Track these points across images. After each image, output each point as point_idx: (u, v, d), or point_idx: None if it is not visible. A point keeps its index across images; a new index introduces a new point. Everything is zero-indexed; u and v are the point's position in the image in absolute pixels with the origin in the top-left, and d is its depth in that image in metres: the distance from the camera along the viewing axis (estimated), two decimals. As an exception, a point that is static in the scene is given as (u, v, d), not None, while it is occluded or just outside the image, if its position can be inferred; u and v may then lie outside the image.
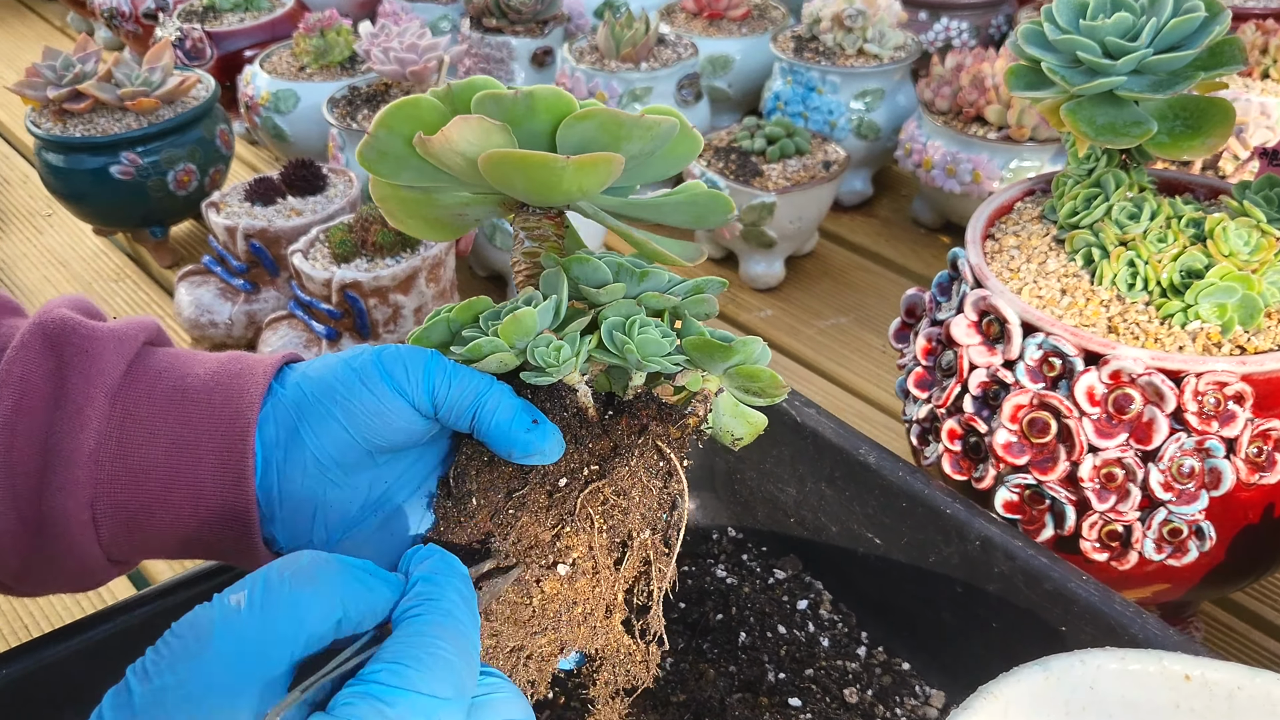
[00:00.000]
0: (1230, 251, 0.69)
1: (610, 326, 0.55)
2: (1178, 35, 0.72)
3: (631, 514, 0.57)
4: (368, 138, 0.52)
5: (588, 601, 0.57)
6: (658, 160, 0.55)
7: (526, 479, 0.58)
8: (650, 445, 0.57)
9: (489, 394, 0.55)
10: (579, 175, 0.51)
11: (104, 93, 1.26)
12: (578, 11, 1.64)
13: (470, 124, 0.49)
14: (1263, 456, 0.67)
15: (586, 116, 0.49)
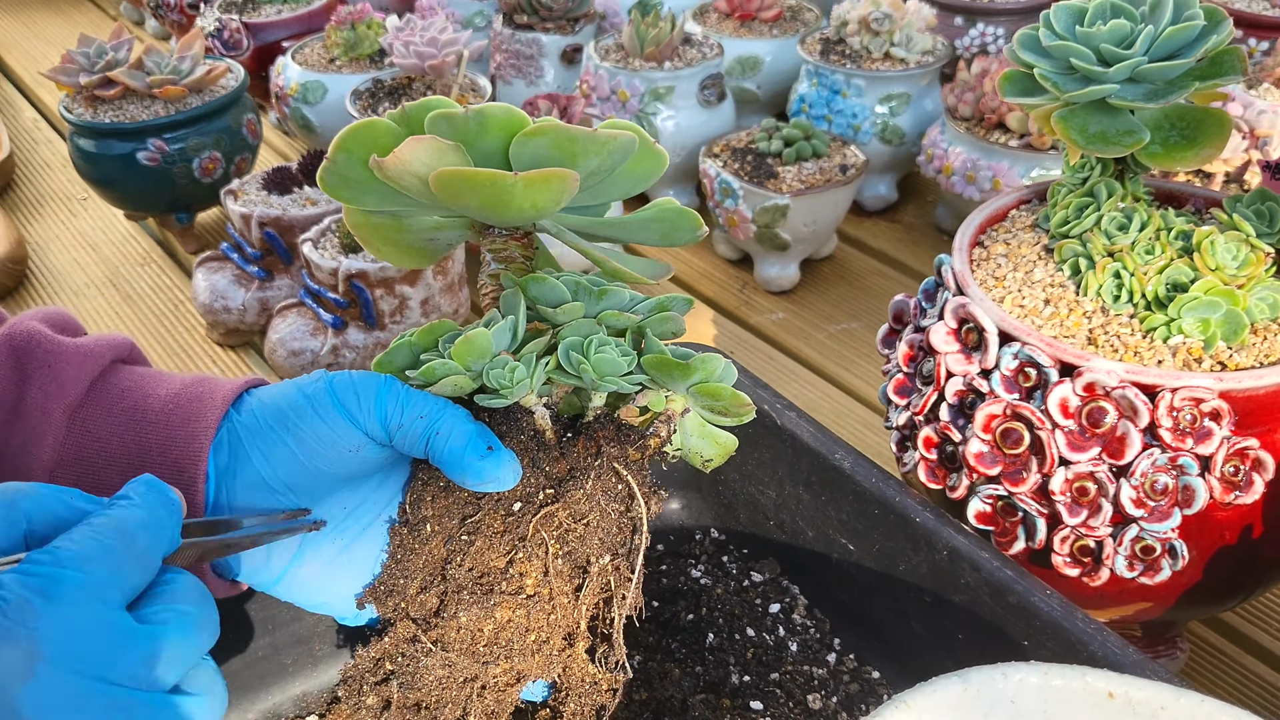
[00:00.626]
0: (1217, 265, 0.68)
1: (567, 346, 0.55)
2: (1174, 44, 0.71)
3: (589, 538, 0.56)
4: (326, 162, 0.52)
5: (543, 629, 0.56)
6: (620, 178, 0.55)
7: (480, 504, 0.57)
8: (607, 468, 0.56)
9: (441, 419, 0.55)
10: (530, 192, 0.50)
11: (134, 80, 1.29)
12: (613, 10, 1.64)
13: (423, 144, 0.49)
14: (1239, 476, 0.65)
15: (538, 133, 0.49)
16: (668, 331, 0.59)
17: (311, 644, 0.75)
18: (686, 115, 1.35)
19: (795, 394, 1.11)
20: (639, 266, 0.59)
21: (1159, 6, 0.72)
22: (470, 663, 0.57)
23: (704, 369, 0.56)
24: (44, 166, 1.66)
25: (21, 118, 1.83)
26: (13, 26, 2.23)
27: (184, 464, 0.56)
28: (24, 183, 1.62)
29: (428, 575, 0.58)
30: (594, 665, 0.59)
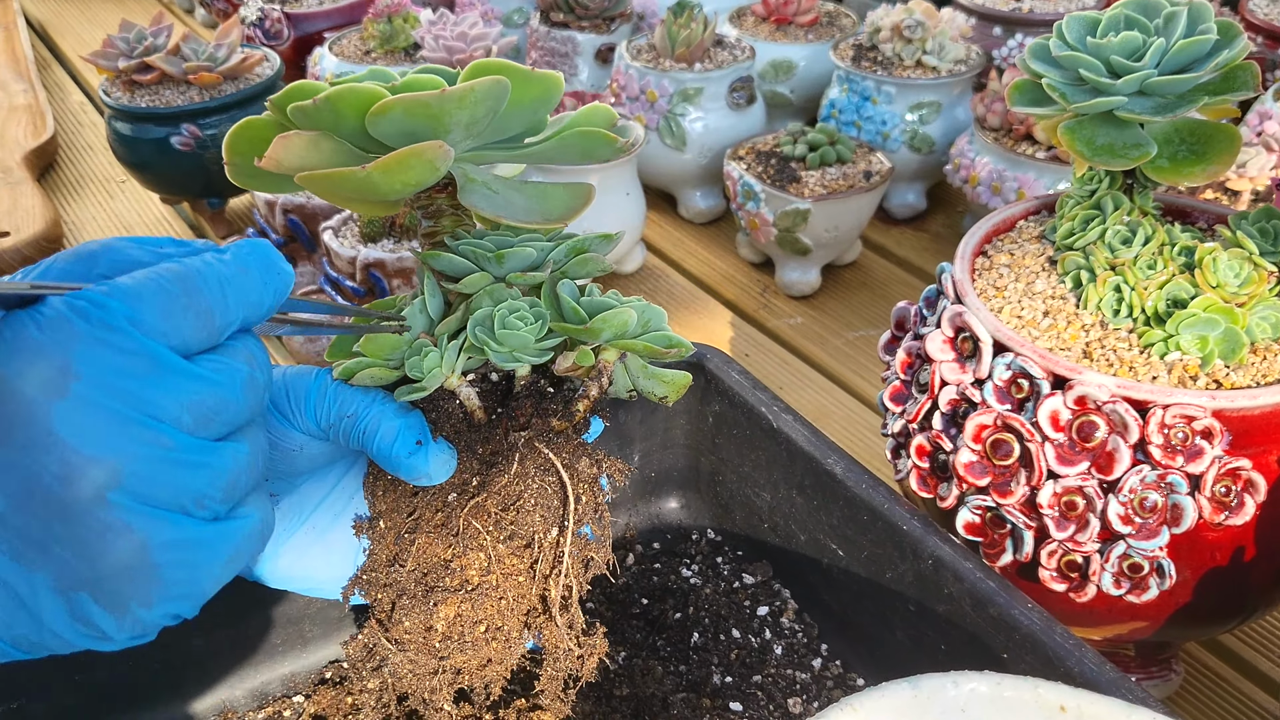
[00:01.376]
0: (1218, 283, 0.67)
1: (474, 323, 0.53)
2: (1186, 58, 0.70)
3: (529, 517, 0.55)
4: (227, 165, 0.51)
5: (493, 618, 0.56)
6: (511, 113, 0.51)
7: (417, 498, 0.57)
8: (529, 445, 0.55)
9: (367, 416, 0.54)
10: (389, 178, 0.48)
11: (170, 66, 1.30)
12: (651, 10, 1.64)
13: (289, 141, 0.48)
14: (1230, 496, 0.64)
15: (384, 110, 0.47)
16: (591, 272, 0.57)
17: (302, 625, 0.75)
18: (715, 117, 1.35)
19: (808, 399, 1.11)
20: (558, 203, 0.56)
21: (1173, 19, 0.71)
22: (429, 658, 0.57)
23: (611, 325, 0.53)
24: (87, 149, 1.69)
25: (69, 100, 1.86)
26: (68, 10, 2.27)
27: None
28: (66, 164, 1.65)
29: (385, 573, 0.58)
30: (564, 632, 0.58)
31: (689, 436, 0.86)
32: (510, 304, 0.53)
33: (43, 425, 0.39)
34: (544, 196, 0.56)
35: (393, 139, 0.49)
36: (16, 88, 1.82)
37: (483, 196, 0.55)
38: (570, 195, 0.57)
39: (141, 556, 0.41)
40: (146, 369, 0.40)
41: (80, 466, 0.39)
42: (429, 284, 0.55)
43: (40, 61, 2.00)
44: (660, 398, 0.60)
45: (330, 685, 0.73)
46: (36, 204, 1.44)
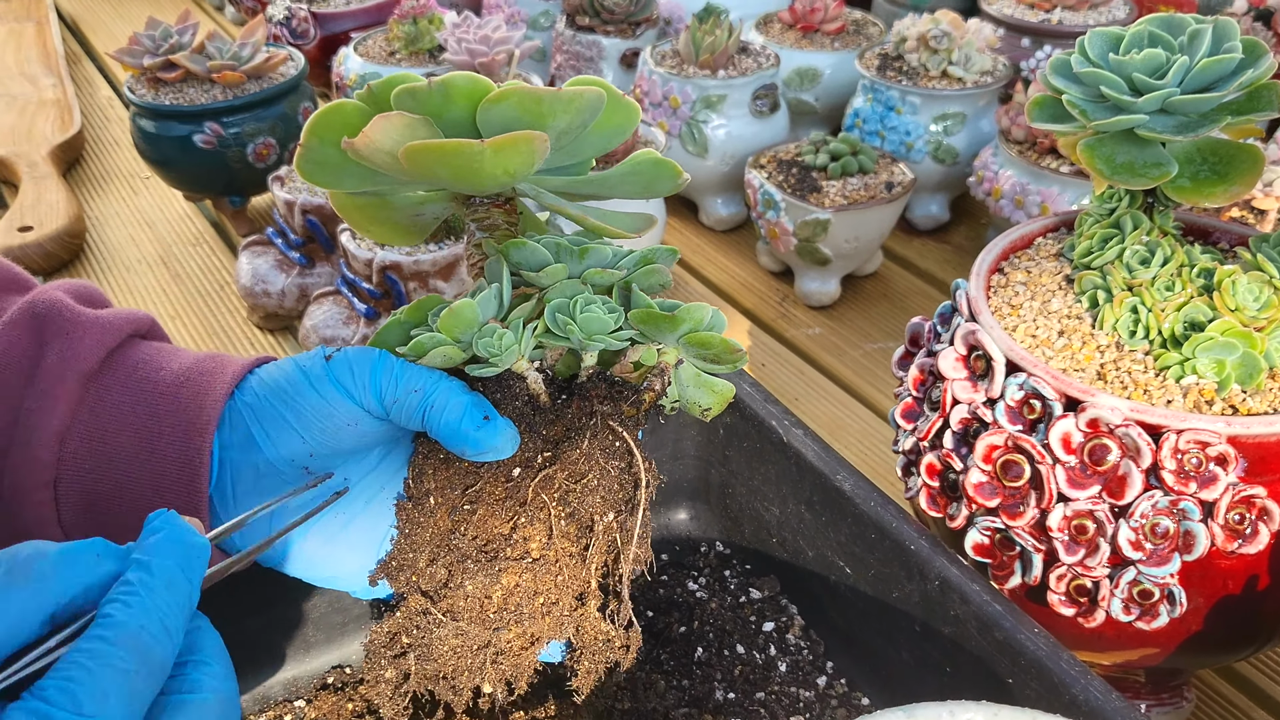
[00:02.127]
0: (1237, 306, 0.66)
1: (553, 309, 0.55)
2: (1209, 76, 0.69)
3: (590, 497, 0.56)
4: (300, 149, 0.52)
5: (550, 591, 0.57)
6: (593, 134, 0.54)
7: (480, 473, 0.58)
8: (602, 426, 0.57)
9: (436, 392, 0.55)
10: (500, 158, 0.50)
11: (194, 64, 1.31)
12: (678, 15, 1.64)
13: (390, 120, 0.49)
14: (1244, 524, 0.63)
15: (502, 97, 0.49)
16: (655, 285, 0.59)
17: (305, 629, 0.75)
18: (738, 124, 1.34)
19: (823, 411, 1.10)
20: (621, 221, 0.59)
21: (1198, 37, 0.70)
22: (482, 630, 0.57)
23: (691, 318, 0.56)
24: (113, 144, 1.70)
25: (97, 95, 1.87)
26: (100, 6, 2.28)
27: (191, 436, 0.56)
28: (92, 159, 1.66)
29: (435, 547, 0.58)
30: (606, 623, 0.59)
31: (699, 448, 0.85)
32: (585, 296, 0.56)
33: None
34: (606, 220, 0.59)
35: (493, 128, 0.51)
36: (46, 82, 1.83)
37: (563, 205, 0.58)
38: (633, 220, 0.60)
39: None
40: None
41: None
42: (506, 274, 0.56)
43: (70, 56, 2.02)
44: (704, 409, 0.62)
45: (332, 690, 0.73)
46: (61, 199, 1.45)
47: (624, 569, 0.58)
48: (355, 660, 0.76)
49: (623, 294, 0.58)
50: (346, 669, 0.75)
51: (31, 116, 1.70)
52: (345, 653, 0.76)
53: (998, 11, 1.47)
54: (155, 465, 0.56)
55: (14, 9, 2.15)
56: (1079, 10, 1.46)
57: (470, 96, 0.49)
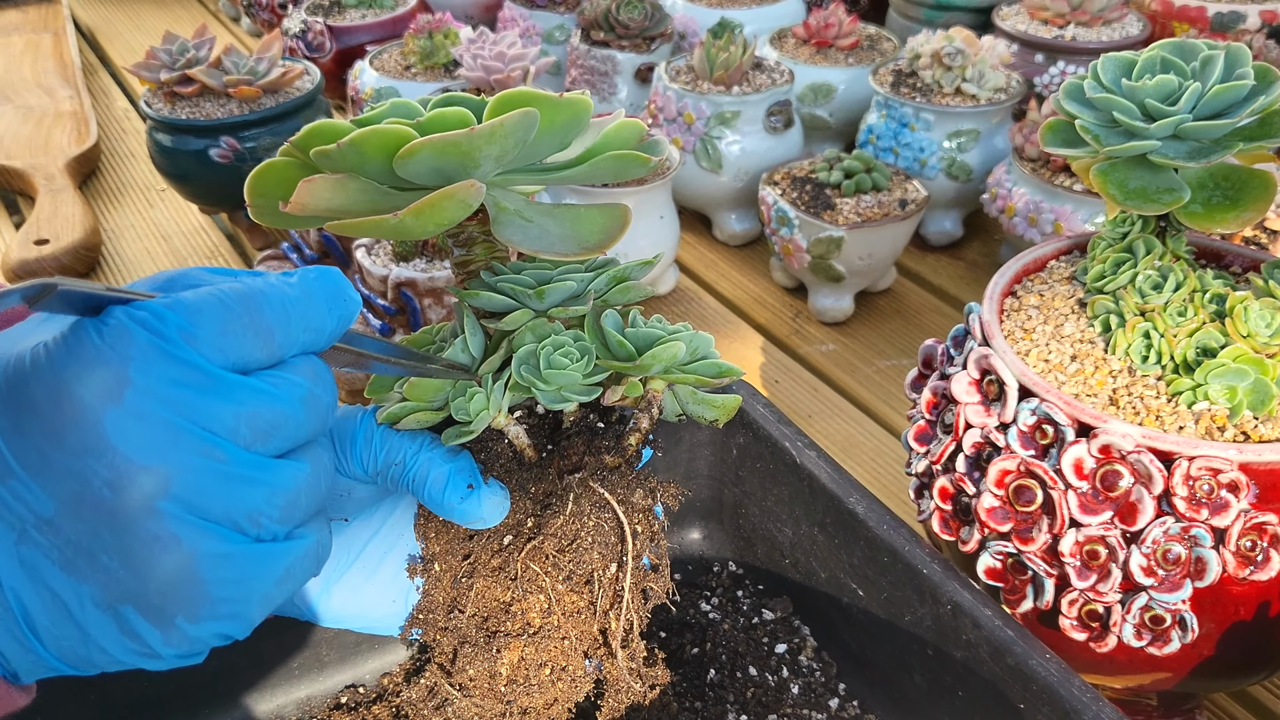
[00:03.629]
0: (1249, 332, 0.66)
1: (519, 360, 0.53)
2: (1221, 102, 0.69)
3: (587, 555, 0.55)
4: (250, 208, 0.51)
5: (558, 659, 0.56)
6: (543, 139, 0.51)
7: (474, 540, 0.56)
8: (583, 485, 0.55)
9: (416, 464, 0.53)
10: (423, 220, 0.48)
11: (211, 78, 1.32)
12: (693, 30, 1.64)
13: (315, 185, 0.48)
14: (1256, 551, 0.63)
15: (414, 151, 0.47)
16: (633, 299, 0.57)
17: (319, 649, 0.76)
18: (752, 140, 1.34)
19: (836, 429, 1.10)
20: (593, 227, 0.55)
21: (1210, 63, 0.70)
22: (495, 703, 0.57)
23: (661, 359, 0.53)
24: (129, 156, 1.71)
25: (114, 107, 1.88)
26: (117, 17, 2.30)
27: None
28: (108, 171, 1.67)
29: (443, 620, 0.57)
30: (628, 661, 0.58)
31: (713, 468, 0.85)
32: (554, 340, 0.53)
33: (95, 430, 0.39)
34: (578, 220, 0.55)
35: (422, 177, 0.49)
36: (63, 94, 1.84)
37: (517, 229, 0.54)
38: (606, 218, 0.56)
39: (188, 570, 0.41)
40: (201, 380, 0.41)
41: (130, 474, 0.39)
42: (469, 322, 0.54)
43: (88, 67, 2.03)
44: (710, 421, 0.60)
45: (345, 711, 0.73)
46: (77, 211, 1.46)
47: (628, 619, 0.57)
48: (369, 680, 0.76)
49: (596, 325, 0.55)
50: (360, 689, 0.75)
51: (48, 128, 1.72)
52: (359, 672, 0.77)
53: (1012, 28, 1.47)
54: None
55: (31, 20, 2.17)
56: (1093, 27, 1.46)
57: (384, 150, 0.47)
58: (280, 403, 0.43)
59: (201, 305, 0.41)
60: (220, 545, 0.41)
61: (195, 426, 0.40)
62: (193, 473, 0.40)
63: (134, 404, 0.39)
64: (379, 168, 0.49)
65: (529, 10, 1.72)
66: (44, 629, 0.41)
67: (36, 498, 0.39)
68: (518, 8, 1.72)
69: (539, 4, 1.71)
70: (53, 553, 0.40)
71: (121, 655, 0.42)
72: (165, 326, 0.40)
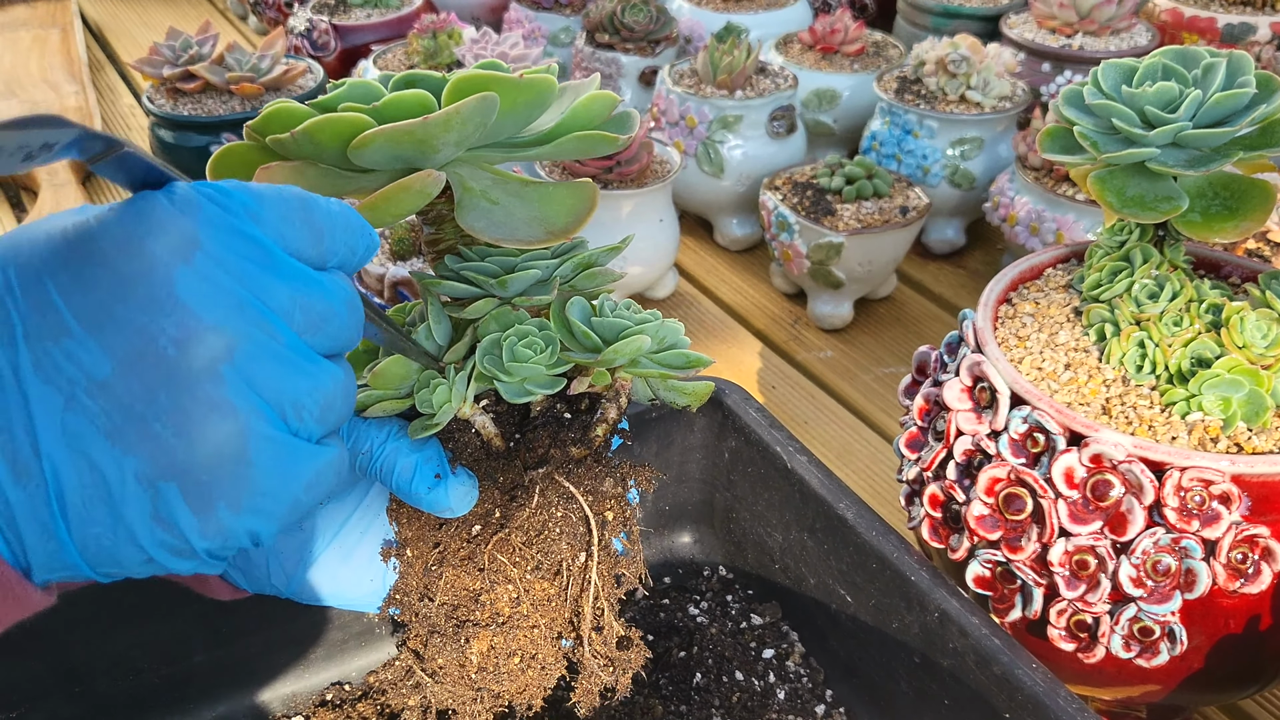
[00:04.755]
0: (1244, 343, 0.66)
1: (483, 351, 0.52)
2: (1222, 111, 0.68)
3: (555, 544, 0.54)
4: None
5: (526, 648, 0.56)
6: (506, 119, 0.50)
7: (442, 529, 0.56)
8: (548, 478, 0.54)
9: (383, 454, 0.53)
10: (387, 209, 0.48)
11: (213, 75, 1.32)
12: (698, 34, 1.64)
13: (272, 171, 0.48)
14: (1246, 564, 0.63)
15: (368, 141, 0.46)
16: (601, 285, 0.56)
17: (305, 645, 0.75)
18: (754, 145, 1.34)
19: (832, 435, 1.10)
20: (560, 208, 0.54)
21: (1211, 71, 0.70)
22: (466, 689, 0.56)
23: (625, 352, 0.52)
24: (134, 152, 1.70)
25: (120, 103, 1.88)
26: (124, 13, 2.30)
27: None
28: (112, 166, 1.66)
29: (415, 605, 0.57)
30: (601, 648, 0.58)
31: (704, 471, 0.85)
32: (519, 329, 0.52)
33: (166, 285, 0.39)
34: (546, 200, 0.54)
35: (380, 164, 0.49)
36: (69, 89, 1.84)
37: (481, 214, 0.53)
38: (574, 198, 0.55)
39: (239, 445, 0.40)
40: (263, 257, 0.41)
41: (198, 332, 0.39)
42: (434, 310, 0.54)
43: (94, 63, 2.03)
44: (683, 406, 0.60)
45: (330, 708, 0.73)
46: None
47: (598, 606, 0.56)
48: (355, 677, 0.76)
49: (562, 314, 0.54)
50: (345, 685, 0.75)
51: (54, 123, 1.71)
52: (344, 669, 0.76)
53: (1018, 36, 1.47)
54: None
55: (39, 15, 2.17)
56: (1100, 36, 1.46)
57: (338, 138, 0.47)
58: (331, 297, 0.43)
59: (264, 191, 0.42)
60: (268, 428, 0.41)
61: (257, 300, 0.40)
62: (254, 344, 0.40)
63: (203, 266, 0.39)
64: (335, 154, 0.48)
65: (534, 12, 1.71)
66: (75, 510, 0.39)
67: (93, 357, 0.38)
68: (523, 9, 1.71)
69: (544, 6, 1.71)
70: (100, 419, 0.39)
71: (151, 547, 0.41)
72: (231, 202, 0.40)
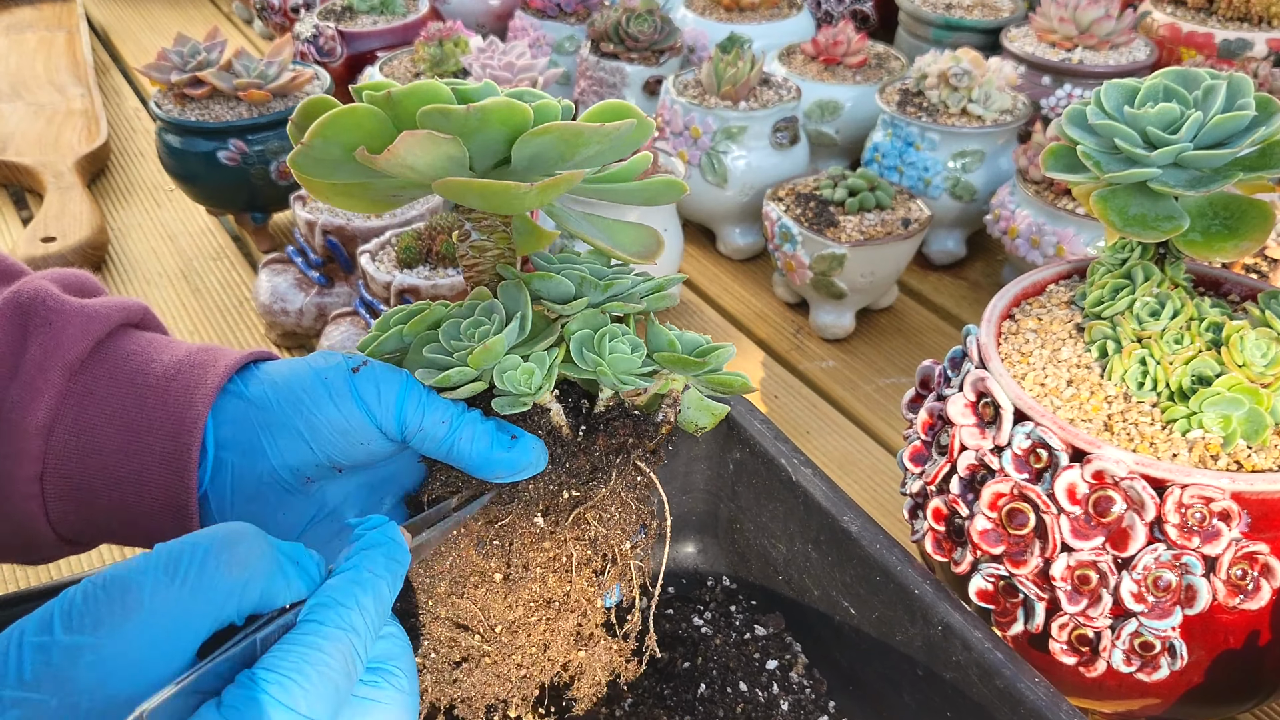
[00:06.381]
0: (1244, 362, 0.66)
1: (579, 343, 0.56)
2: (1222, 132, 0.69)
3: (613, 531, 0.58)
4: (301, 148, 0.51)
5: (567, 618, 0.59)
6: (612, 151, 0.55)
7: (510, 505, 0.58)
8: (629, 464, 0.59)
9: (462, 425, 0.55)
10: (541, 196, 0.51)
11: (221, 81, 1.32)
12: (702, 44, 1.65)
13: (418, 140, 0.48)
14: (1246, 580, 0.64)
15: (544, 132, 0.49)
16: (663, 307, 0.61)
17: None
18: (758, 156, 1.35)
19: (834, 445, 1.11)
20: (629, 239, 0.60)
21: (1212, 92, 0.70)
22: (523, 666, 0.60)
23: (716, 361, 0.59)
24: (138, 155, 1.71)
25: (125, 106, 1.89)
26: (130, 16, 2.31)
27: (180, 430, 0.55)
28: (117, 170, 1.67)
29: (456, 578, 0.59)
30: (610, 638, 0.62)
31: (709, 482, 0.86)
32: (609, 329, 0.57)
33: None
34: (612, 232, 0.59)
35: (524, 158, 0.52)
36: (74, 92, 1.85)
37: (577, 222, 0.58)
38: (640, 235, 0.60)
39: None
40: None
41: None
42: (528, 302, 0.56)
43: (100, 66, 2.04)
44: (700, 428, 0.64)
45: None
46: (84, 210, 1.46)
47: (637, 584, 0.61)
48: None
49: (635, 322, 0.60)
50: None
51: (59, 126, 1.72)
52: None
53: (1019, 49, 1.48)
54: (142, 461, 0.55)
55: (45, 18, 2.18)
56: (1100, 50, 1.47)
57: (507, 124, 0.49)
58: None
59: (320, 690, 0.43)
60: None
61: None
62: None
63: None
64: (492, 137, 0.51)
65: (540, 21, 1.72)
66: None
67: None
68: (529, 18, 1.72)
69: (550, 14, 1.72)
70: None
71: None
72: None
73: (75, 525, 0.57)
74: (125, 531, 0.57)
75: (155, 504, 0.56)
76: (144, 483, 0.56)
